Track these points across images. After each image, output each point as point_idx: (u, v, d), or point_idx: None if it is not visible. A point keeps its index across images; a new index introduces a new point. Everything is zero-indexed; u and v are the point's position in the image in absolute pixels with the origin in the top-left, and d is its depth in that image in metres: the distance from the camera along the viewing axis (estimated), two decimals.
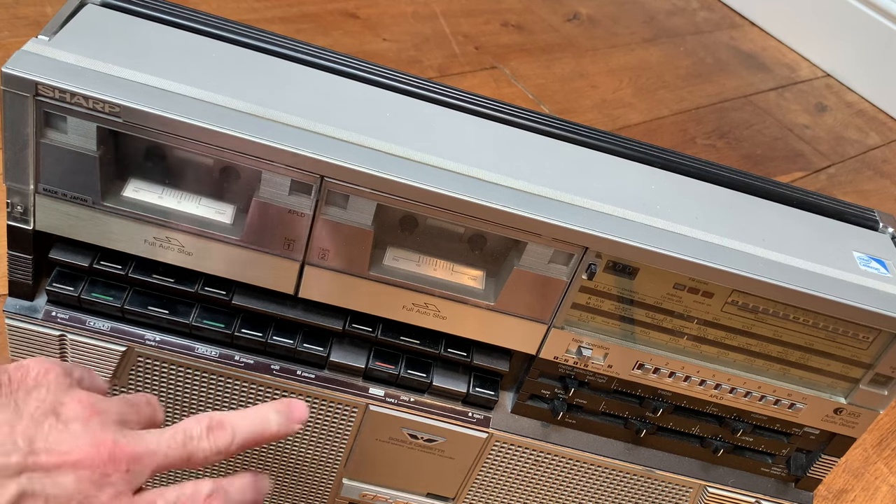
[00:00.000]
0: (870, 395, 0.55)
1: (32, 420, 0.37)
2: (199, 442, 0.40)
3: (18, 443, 0.36)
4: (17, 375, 0.38)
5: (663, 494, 0.61)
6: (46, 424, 0.37)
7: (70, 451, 0.37)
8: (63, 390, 0.39)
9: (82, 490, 0.36)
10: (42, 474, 0.36)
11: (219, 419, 0.41)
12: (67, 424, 0.37)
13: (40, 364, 0.39)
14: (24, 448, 0.36)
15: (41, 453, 0.36)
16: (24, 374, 0.38)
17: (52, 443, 0.36)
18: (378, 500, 0.62)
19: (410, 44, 1.31)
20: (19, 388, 0.38)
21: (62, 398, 0.38)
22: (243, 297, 0.52)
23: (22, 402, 0.37)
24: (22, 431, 0.36)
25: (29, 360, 0.39)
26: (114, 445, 0.38)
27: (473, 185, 0.47)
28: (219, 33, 0.51)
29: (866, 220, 0.58)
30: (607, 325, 0.53)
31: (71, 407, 0.38)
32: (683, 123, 1.37)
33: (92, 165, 0.46)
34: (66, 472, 0.36)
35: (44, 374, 0.39)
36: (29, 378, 0.38)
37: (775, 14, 1.71)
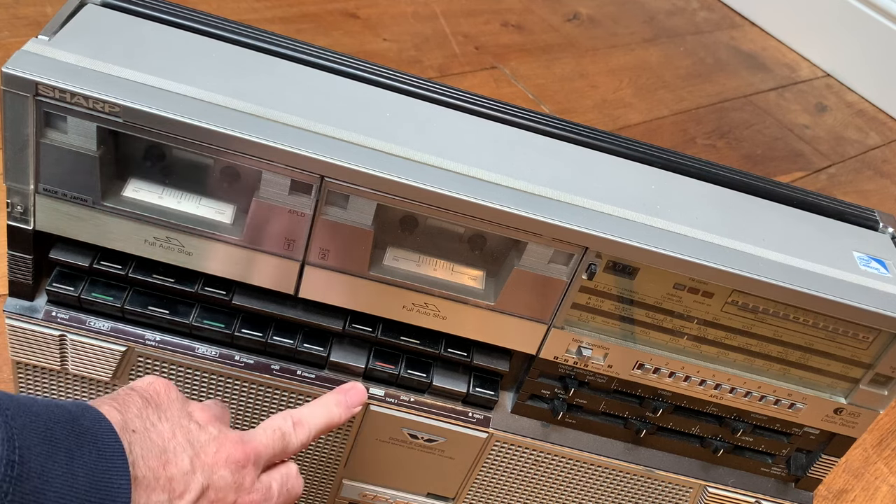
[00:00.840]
0: (870, 395, 0.55)
1: (182, 427, 0.43)
2: (291, 437, 0.48)
3: (185, 446, 0.42)
4: (153, 391, 0.44)
5: (663, 494, 0.61)
6: (193, 429, 0.43)
7: (219, 450, 0.43)
8: (185, 400, 0.45)
9: (236, 480, 0.43)
10: (209, 470, 0.42)
11: (298, 416, 0.48)
12: (206, 428, 0.44)
13: (160, 381, 0.45)
14: (190, 450, 0.42)
15: (201, 453, 0.42)
16: (155, 391, 0.44)
17: (204, 443, 0.43)
18: (378, 500, 0.62)
19: (410, 44, 1.31)
20: (160, 401, 0.43)
21: (188, 407, 0.45)
22: (243, 297, 0.52)
23: (168, 413, 0.43)
24: (183, 437, 0.42)
25: (150, 379, 0.44)
26: (243, 444, 0.45)
27: (473, 185, 0.47)
28: (219, 33, 0.51)
29: (866, 220, 0.58)
30: (607, 325, 0.53)
31: (198, 414, 0.45)
32: (683, 123, 1.37)
33: (92, 165, 0.46)
34: (222, 466, 0.43)
35: (168, 389, 0.44)
36: (161, 394, 0.44)
37: (775, 14, 1.71)
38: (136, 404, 0.42)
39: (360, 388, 0.52)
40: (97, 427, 0.38)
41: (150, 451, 0.40)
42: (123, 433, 0.39)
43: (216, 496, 0.42)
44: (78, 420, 0.37)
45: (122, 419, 0.40)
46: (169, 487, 0.40)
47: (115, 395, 0.42)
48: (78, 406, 0.39)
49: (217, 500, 0.42)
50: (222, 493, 0.43)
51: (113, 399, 0.42)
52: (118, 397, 0.42)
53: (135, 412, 0.41)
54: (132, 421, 0.40)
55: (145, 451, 0.39)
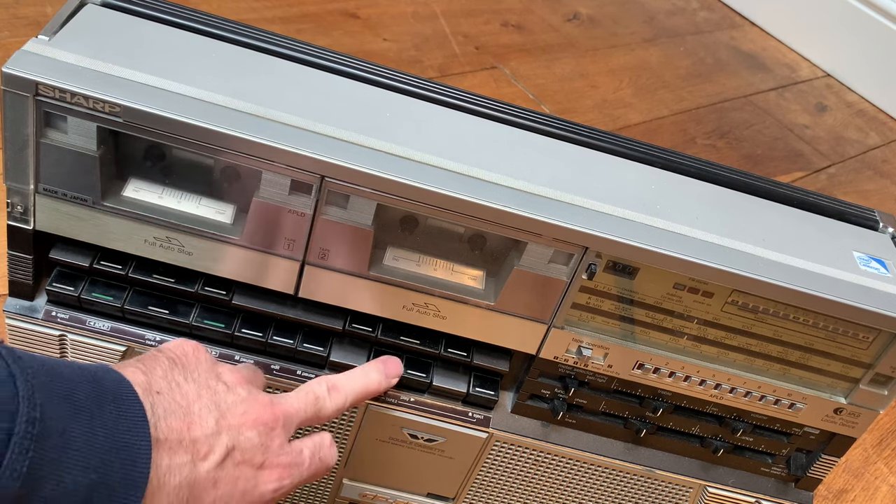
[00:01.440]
0: (870, 394, 0.55)
1: (209, 388, 0.43)
2: (325, 401, 0.48)
3: (211, 408, 0.42)
4: (181, 352, 0.44)
5: (663, 494, 0.61)
6: (220, 390, 0.43)
7: (247, 411, 0.43)
8: (215, 362, 0.45)
9: (263, 441, 0.43)
10: (235, 431, 0.42)
11: (333, 381, 0.49)
12: (234, 389, 0.44)
13: (189, 343, 0.45)
14: (215, 412, 0.42)
15: (227, 415, 0.42)
16: (183, 352, 0.44)
17: (231, 405, 0.43)
18: (378, 500, 0.62)
19: (410, 44, 1.31)
20: (187, 363, 0.43)
21: (217, 368, 0.45)
22: (243, 297, 0.52)
23: (195, 374, 0.43)
24: (209, 398, 0.42)
25: (179, 341, 0.45)
26: (273, 406, 0.45)
27: (473, 185, 0.47)
28: (219, 33, 0.51)
29: (866, 220, 0.58)
30: (607, 325, 0.53)
31: (228, 376, 0.45)
32: (683, 123, 1.37)
33: (92, 165, 0.46)
34: (250, 428, 0.43)
35: (196, 351, 0.44)
36: (189, 355, 0.44)
37: (775, 14, 1.71)
38: (162, 365, 0.42)
39: (397, 360, 0.53)
40: (118, 388, 0.38)
41: (173, 412, 0.40)
42: (147, 394, 0.39)
43: (242, 457, 0.42)
44: (100, 381, 0.37)
45: (146, 380, 0.40)
46: (192, 449, 0.40)
47: (142, 357, 0.42)
48: (101, 368, 0.39)
49: (243, 461, 0.42)
50: (248, 454, 0.42)
51: (139, 361, 0.42)
52: (145, 359, 0.42)
53: (160, 373, 0.41)
54: (157, 382, 0.40)
55: (168, 412, 0.39)
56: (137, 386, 0.39)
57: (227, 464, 0.41)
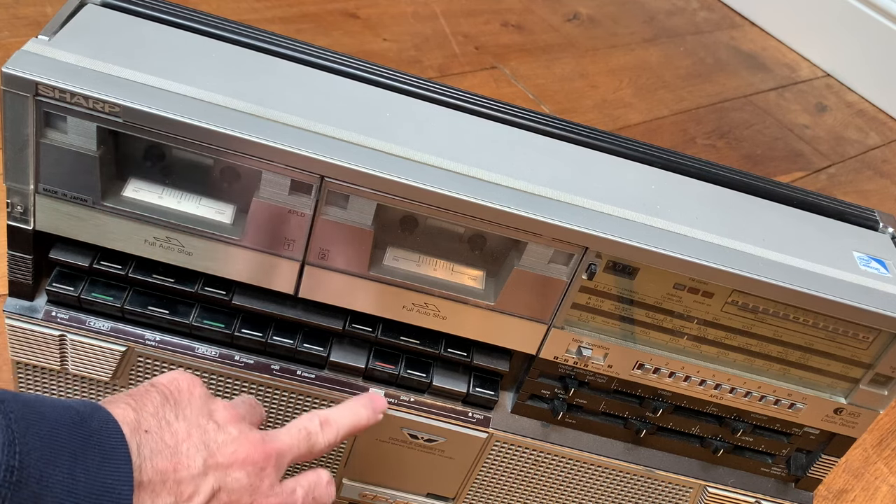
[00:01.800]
0: (870, 395, 0.55)
1: (199, 427, 0.42)
2: (317, 437, 0.47)
3: (199, 448, 0.41)
4: (174, 388, 0.43)
5: (663, 494, 0.61)
6: (210, 429, 0.42)
7: (236, 451, 0.42)
8: (209, 398, 0.45)
9: (252, 483, 0.43)
10: (222, 472, 0.41)
11: (325, 416, 0.48)
12: (225, 428, 0.43)
13: (184, 378, 0.44)
14: (204, 452, 0.41)
15: (216, 454, 0.42)
16: (177, 387, 0.43)
17: (221, 444, 0.42)
18: (378, 500, 0.62)
19: (410, 44, 1.31)
20: (180, 399, 0.43)
21: (211, 406, 0.44)
22: (243, 297, 0.52)
23: (187, 411, 0.42)
24: (198, 438, 0.41)
25: (174, 374, 0.44)
26: (264, 444, 0.44)
27: (473, 185, 0.47)
28: (219, 33, 0.51)
29: (866, 220, 0.58)
30: (607, 325, 0.53)
31: (220, 413, 0.44)
32: (683, 123, 1.37)
33: (92, 165, 0.46)
34: (238, 468, 0.42)
35: (191, 386, 0.44)
36: (184, 391, 0.43)
37: (775, 14, 1.71)
38: (154, 402, 0.41)
39: (382, 396, 0.52)
40: (104, 429, 0.37)
41: (160, 452, 0.39)
42: (134, 433, 0.39)
43: (229, 499, 0.42)
44: (86, 422, 0.37)
45: (135, 418, 0.40)
46: (176, 490, 0.39)
47: (134, 392, 0.42)
48: (87, 406, 0.38)
49: (231, 502, 0.42)
50: (236, 494, 0.42)
51: (130, 396, 0.41)
52: (136, 394, 0.42)
53: (151, 410, 0.41)
54: (146, 420, 0.40)
55: (155, 452, 0.39)
56: (125, 425, 0.39)
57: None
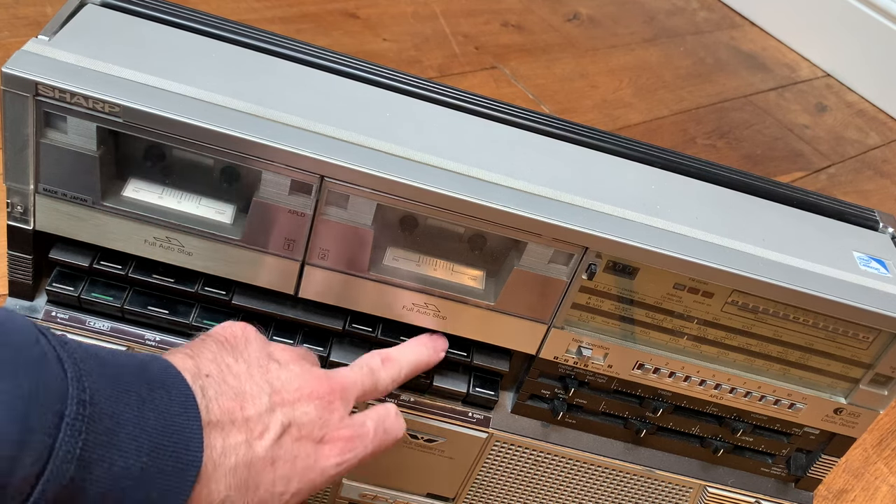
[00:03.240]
0: (870, 395, 0.55)
1: (260, 367, 0.42)
2: (380, 373, 0.48)
3: (263, 386, 0.41)
4: (229, 334, 0.44)
5: (663, 494, 0.61)
6: (273, 368, 0.43)
7: (301, 386, 0.43)
8: (266, 341, 0.45)
9: (322, 416, 0.43)
10: (290, 407, 0.42)
11: (387, 353, 0.49)
12: (287, 366, 0.43)
13: (237, 325, 0.45)
14: (268, 389, 0.41)
15: (281, 391, 0.42)
16: (232, 333, 0.44)
17: (285, 381, 0.42)
18: (378, 500, 0.62)
19: (410, 44, 1.31)
20: (236, 344, 0.43)
21: (269, 347, 0.44)
22: (243, 297, 0.52)
23: (245, 355, 0.43)
24: (260, 377, 0.42)
25: (227, 323, 0.45)
26: (329, 379, 0.44)
27: (473, 185, 0.47)
28: (219, 33, 0.51)
29: (866, 220, 0.58)
30: (607, 325, 0.53)
31: (280, 353, 0.44)
32: (683, 123, 1.37)
33: (92, 165, 0.46)
34: (306, 402, 0.42)
35: (245, 330, 0.44)
36: (238, 336, 0.44)
37: (775, 14, 1.71)
38: (211, 349, 0.42)
39: (443, 335, 0.53)
40: (165, 374, 0.38)
41: (224, 393, 0.39)
42: (196, 378, 0.39)
43: (300, 433, 0.41)
44: (147, 367, 0.37)
45: (194, 364, 0.40)
46: (247, 427, 0.39)
47: (190, 344, 0.42)
48: (147, 355, 0.39)
49: (302, 436, 0.42)
50: (307, 428, 0.42)
51: (186, 347, 0.42)
52: (192, 345, 0.42)
53: (209, 357, 0.41)
54: (206, 366, 0.40)
55: (219, 393, 0.39)
56: (186, 371, 0.39)
57: (285, 441, 0.41)
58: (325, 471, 0.43)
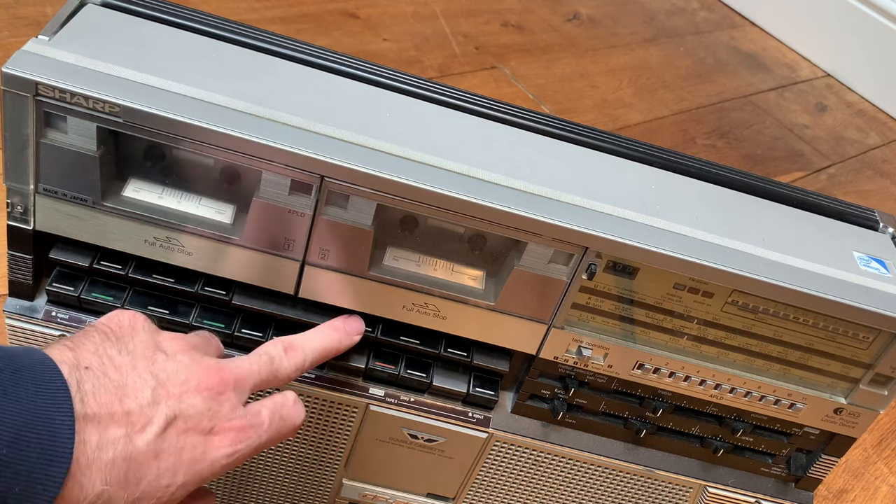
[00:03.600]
0: (870, 395, 0.55)
1: (145, 358, 0.42)
2: (281, 361, 0.47)
3: (147, 378, 0.41)
4: (115, 324, 0.43)
5: (663, 494, 0.61)
6: (159, 360, 0.42)
7: (188, 378, 0.42)
8: (155, 331, 0.44)
9: (210, 407, 0.42)
10: (175, 400, 0.41)
11: (289, 341, 0.48)
12: (174, 357, 0.43)
13: (125, 314, 0.44)
14: (152, 382, 0.41)
15: (167, 384, 0.41)
16: (118, 323, 0.43)
17: (171, 373, 0.42)
18: (378, 500, 0.62)
19: (410, 44, 1.31)
20: (122, 335, 0.42)
21: (157, 338, 0.44)
22: (243, 297, 0.52)
23: (131, 346, 0.42)
24: (144, 369, 0.41)
25: (114, 313, 0.44)
26: (219, 370, 0.43)
27: (473, 185, 0.47)
28: (219, 33, 0.51)
29: (866, 220, 0.58)
30: (607, 325, 0.53)
31: (169, 344, 0.43)
32: (683, 123, 1.37)
33: (92, 165, 0.46)
34: (193, 394, 0.41)
35: (133, 320, 0.43)
36: (125, 326, 0.43)
37: (775, 14, 1.71)
38: (93, 340, 0.41)
39: (358, 317, 0.51)
40: (38, 365, 0.37)
41: (103, 386, 0.39)
42: (74, 370, 0.38)
43: (186, 425, 0.41)
44: (16, 359, 0.37)
45: (73, 356, 0.39)
46: (127, 421, 0.38)
47: (74, 335, 0.42)
48: (22, 348, 0.38)
49: (189, 428, 0.41)
50: (194, 420, 0.41)
51: (68, 339, 0.41)
52: (75, 336, 0.41)
53: (90, 349, 0.40)
54: (86, 357, 0.39)
55: (98, 386, 0.38)
56: (63, 364, 0.38)
57: (170, 433, 0.40)
58: (215, 461, 0.42)
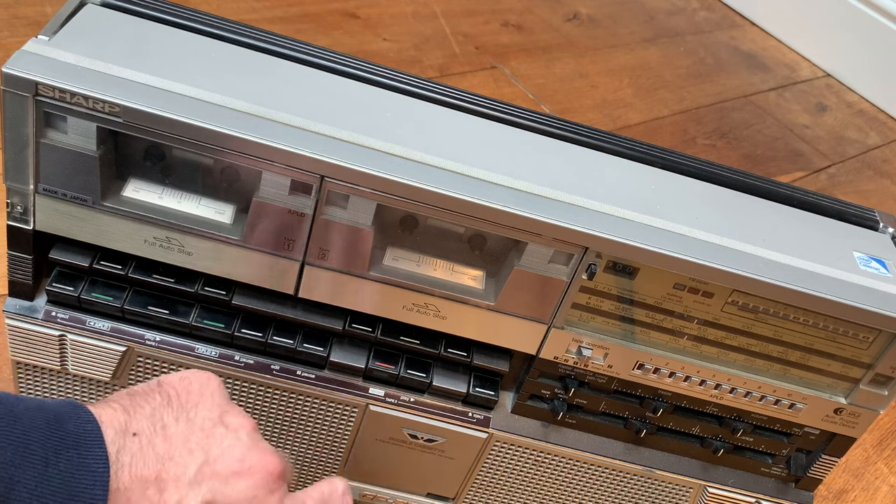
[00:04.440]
0: (870, 395, 0.55)
1: (203, 431, 0.39)
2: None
3: (196, 453, 0.38)
4: (183, 388, 0.41)
5: (663, 494, 0.61)
6: (217, 434, 0.40)
7: (244, 458, 0.39)
8: (225, 400, 0.42)
9: (257, 495, 0.39)
10: (221, 482, 0.38)
11: None
12: (237, 433, 0.40)
13: (201, 375, 0.42)
14: (200, 458, 0.38)
15: (217, 462, 0.39)
16: (188, 386, 0.41)
17: (226, 450, 0.39)
18: (378, 500, 0.62)
19: (410, 44, 1.31)
20: (188, 400, 0.41)
21: (226, 408, 0.41)
22: (243, 297, 0.52)
23: (192, 413, 0.40)
24: (197, 442, 0.39)
25: (189, 373, 0.42)
26: (275, 458, 0.41)
27: (473, 185, 0.47)
28: (219, 33, 0.51)
29: (866, 220, 0.58)
30: (607, 325, 0.53)
31: (235, 418, 0.41)
32: (683, 123, 1.37)
33: (92, 165, 0.46)
34: (243, 478, 0.39)
35: (206, 385, 0.42)
36: (193, 390, 0.41)
37: (775, 14, 1.71)
38: (153, 403, 0.40)
39: None
40: (82, 432, 0.36)
41: (144, 458, 0.37)
42: (119, 437, 0.37)
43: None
44: (63, 424, 0.36)
45: (124, 420, 0.38)
46: (158, 499, 0.37)
47: (137, 390, 0.40)
48: (68, 406, 0.37)
49: None
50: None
51: (130, 396, 0.40)
52: (137, 394, 0.40)
53: (146, 412, 0.39)
54: (137, 423, 0.38)
55: (137, 458, 0.37)
56: (110, 427, 0.37)
57: None
58: None
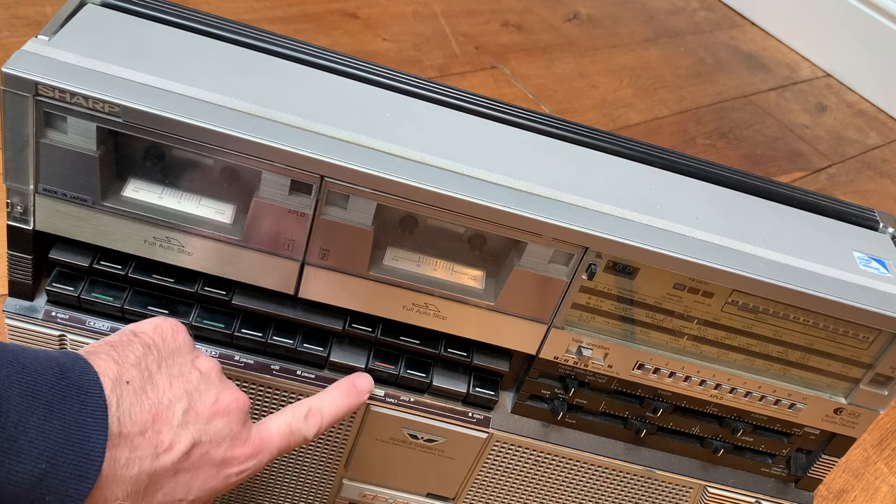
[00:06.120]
0: (870, 395, 0.55)
1: (181, 377, 0.43)
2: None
3: (181, 397, 0.42)
4: (158, 336, 0.43)
5: (663, 494, 0.61)
6: (194, 378, 0.43)
7: (217, 398, 0.43)
8: (192, 346, 0.45)
9: (232, 429, 0.44)
10: (203, 422, 0.42)
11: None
12: (209, 376, 0.44)
13: (167, 322, 0.45)
14: (184, 403, 0.42)
15: (197, 403, 0.42)
16: (161, 335, 0.44)
17: (203, 392, 0.43)
18: (378, 500, 0.62)
19: (410, 44, 1.31)
20: (164, 347, 0.43)
21: (195, 352, 0.45)
22: (243, 297, 0.52)
23: (171, 361, 0.43)
24: (179, 387, 0.42)
25: (159, 320, 0.45)
26: (241, 393, 0.45)
27: (473, 185, 0.47)
28: (219, 33, 0.51)
29: (866, 220, 0.58)
30: (607, 325, 0.53)
31: (205, 362, 0.45)
32: (683, 123, 1.37)
33: (92, 165, 0.46)
34: (221, 416, 0.43)
35: (175, 333, 0.44)
36: (168, 338, 0.44)
37: (775, 14, 1.71)
38: (136, 352, 0.42)
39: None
40: (84, 380, 0.38)
41: (140, 404, 0.40)
42: (115, 386, 0.39)
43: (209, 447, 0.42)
44: (66, 373, 0.38)
45: (117, 371, 0.40)
46: (156, 440, 0.40)
47: (116, 342, 0.42)
48: (69, 357, 0.39)
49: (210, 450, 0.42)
50: (215, 442, 0.43)
51: (112, 347, 0.41)
52: (118, 344, 0.42)
53: (132, 361, 0.41)
54: (127, 371, 0.40)
55: (134, 405, 0.40)
56: (106, 377, 0.39)
57: (193, 454, 0.42)
58: (227, 478, 0.44)
